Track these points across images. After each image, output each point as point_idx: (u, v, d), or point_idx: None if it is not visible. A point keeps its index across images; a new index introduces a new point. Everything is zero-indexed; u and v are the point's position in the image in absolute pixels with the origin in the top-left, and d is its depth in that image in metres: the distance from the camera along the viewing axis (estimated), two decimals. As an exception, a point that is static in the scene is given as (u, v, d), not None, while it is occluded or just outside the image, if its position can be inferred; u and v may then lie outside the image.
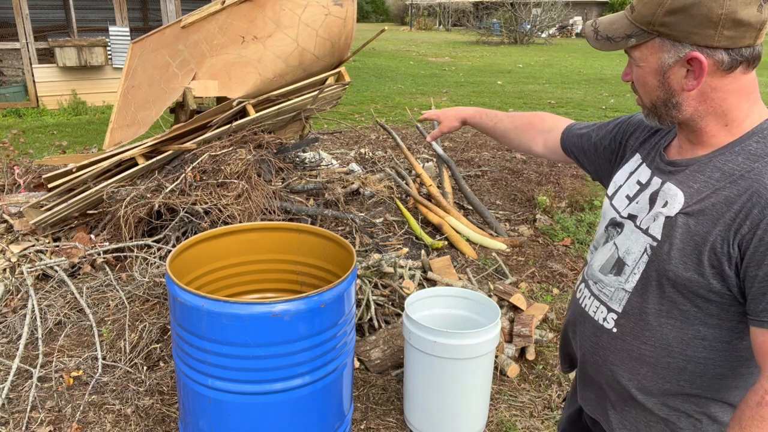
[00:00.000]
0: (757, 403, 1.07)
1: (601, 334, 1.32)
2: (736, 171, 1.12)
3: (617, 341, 1.28)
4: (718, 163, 1.15)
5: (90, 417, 2.65)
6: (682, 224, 1.15)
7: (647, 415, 1.28)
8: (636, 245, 1.24)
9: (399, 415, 2.74)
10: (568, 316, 1.51)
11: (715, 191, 1.13)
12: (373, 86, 12.68)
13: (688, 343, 1.19)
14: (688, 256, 1.14)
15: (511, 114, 1.77)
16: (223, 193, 3.84)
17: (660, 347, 1.22)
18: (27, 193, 4.48)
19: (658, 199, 1.22)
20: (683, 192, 1.18)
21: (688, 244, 1.14)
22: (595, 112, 9.80)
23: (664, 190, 1.22)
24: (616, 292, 1.28)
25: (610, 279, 1.30)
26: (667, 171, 1.24)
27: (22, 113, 9.12)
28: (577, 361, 1.46)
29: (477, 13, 33.26)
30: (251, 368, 1.96)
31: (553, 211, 4.98)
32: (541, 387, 2.94)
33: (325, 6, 4.60)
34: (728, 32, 1.08)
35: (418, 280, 3.56)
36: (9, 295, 3.41)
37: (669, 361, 1.22)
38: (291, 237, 2.56)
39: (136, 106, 4.70)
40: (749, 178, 1.09)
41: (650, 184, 1.27)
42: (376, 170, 5.61)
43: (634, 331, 1.25)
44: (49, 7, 12.34)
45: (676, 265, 1.15)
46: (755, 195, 1.07)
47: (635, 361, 1.26)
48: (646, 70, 1.18)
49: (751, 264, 1.07)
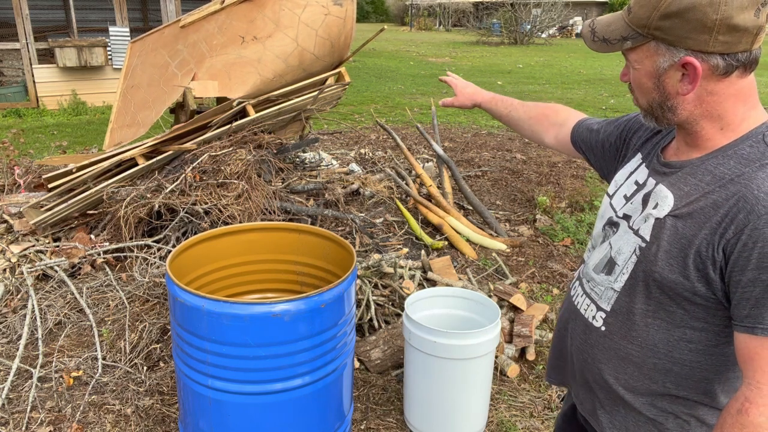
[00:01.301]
0: (737, 411, 1.07)
1: (590, 332, 1.33)
2: (727, 175, 1.11)
3: (605, 340, 1.29)
4: (710, 166, 1.15)
5: (90, 417, 2.65)
6: (670, 226, 1.15)
7: (635, 415, 1.29)
8: (627, 245, 1.25)
9: (399, 415, 2.74)
10: (561, 313, 1.52)
11: (704, 195, 1.12)
12: (373, 86, 12.68)
13: (674, 345, 1.20)
14: (674, 259, 1.14)
15: (525, 103, 1.77)
16: (223, 194, 3.84)
17: (646, 347, 1.23)
18: (27, 194, 4.47)
19: (650, 200, 1.23)
20: (674, 194, 1.18)
21: (674, 246, 1.14)
22: (595, 113, 9.80)
23: (656, 191, 1.22)
24: (606, 291, 1.29)
25: (601, 278, 1.31)
26: (662, 172, 1.24)
27: (22, 113, 9.12)
28: (569, 361, 1.46)
29: (477, 14, 33.28)
30: (251, 368, 1.96)
31: (553, 212, 4.98)
32: (541, 387, 2.94)
33: (324, 6, 4.60)
34: (723, 37, 1.06)
35: (418, 280, 3.56)
36: (9, 296, 3.41)
37: (655, 362, 1.22)
38: (291, 237, 2.56)
39: (136, 106, 4.70)
40: (738, 183, 1.09)
41: (645, 185, 1.27)
42: (376, 170, 5.61)
43: (621, 331, 1.26)
44: (49, 7, 12.35)
45: (662, 267, 1.16)
46: (742, 200, 1.06)
47: (622, 360, 1.27)
48: (641, 72, 1.18)
49: (735, 269, 1.07)
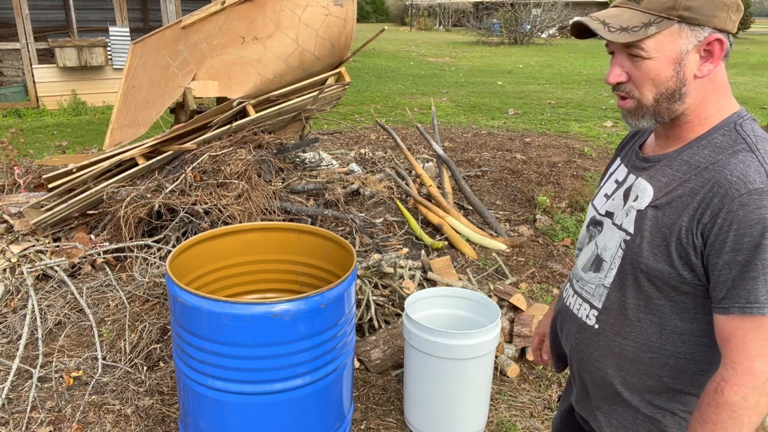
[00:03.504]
0: (714, 390, 1.10)
1: (584, 331, 1.34)
2: (702, 163, 1.14)
3: (599, 337, 1.30)
4: (685, 156, 1.18)
5: (90, 417, 2.65)
6: (651, 217, 1.18)
7: (633, 413, 1.29)
8: (611, 241, 1.26)
9: (399, 415, 2.74)
10: (554, 315, 1.53)
11: (681, 183, 1.15)
12: (373, 86, 12.68)
13: (667, 339, 1.21)
14: (658, 248, 1.16)
15: None
16: (223, 194, 3.84)
17: (640, 342, 1.24)
18: (27, 194, 4.47)
19: (630, 194, 1.25)
20: (652, 186, 1.20)
21: (656, 235, 1.16)
22: (595, 113, 9.80)
23: (635, 185, 1.25)
24: (597, 288, 1.30)
25: (590, 276, 1.33)
26: (641, 167, 1.27)
27: (22, 113, 9.13)
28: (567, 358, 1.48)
29: (477, 14, 33.28)
30: (251, 368, 1.96)
31: (553, 212, 4.98)
32: (541, 387, 2.94)
33: (325, 6, 4.60)
34: (734, 16, 1.11)
35: (418, 280, 3.56)
36: (9, 295, 3.41)
37: (650, 356, 1.23)
38: (291, 237, 2.56)
39: (137, 106, 4.70)
40: (712, 170, 1.12)
41: (626, 181, 1.30)
42: (376, 170, 5.61)
43: (614, 327, 1.27)
44: (49, 7, 12.35)
45: (648, 258, 1.17)
46: (716, 185, 1.09)
47: (617, 356, 1.27)
48: (660, 60, 1.14)
49: (711, 252, 1.09)
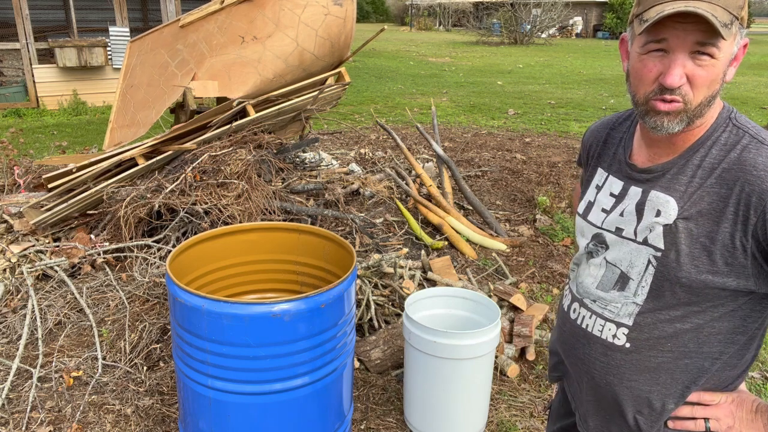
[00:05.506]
0: None
1: (612, 353, 1.27)
2: (715, 164, 1.13)
3: (632, 356, 1.25)
4: (696, 160, 1.16)
5: (90, 417, 2.65)
6: (683, 229, 1.14)
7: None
8: (638, 258, 1.21)
9: (399, 415, 2.74)
10: (557, 338, 1.46)
11: (704, 189, 1.13)
12: (373, 86, 12.68)
13: (704, 341, 1.19)
14: (698, 259, 1.13)
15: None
16: (223, 194, 3.84)
17: (677, 351, 1.21)
18: (27, 193, 4.47)
19: (646, 208, 1.21)
20: (673, 197, 1.17)
21: (695, 247, 1.13)
22: (595, 113, 9.80)
23: (651, 199, 1.20)
24: (624, 306, 1.24)
25: (613, 295, 1.26)
26: (644, 179, 1.23)
27: (22, 113, 9.13)
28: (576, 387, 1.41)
29: (477, 14, 33.28)
30: (251, 368, 1.96)
31: (553, 212, 4.98)
32: (541, 387, 2.94)
33: (324, 6, 4.60)
34: (745, 16, 1.09)
35: (418, 280, 3.56)
36: (9, 295, 3.41)
37: (687, 362, 1.21)
38: (291, 237, 2.56)
39: (136, 106, 4.70)
40: (732, 171, 1.11)
41: (628, 194, 1.25)
42: (376, 170, 5.61)
43: (649, 342, 1.23)
44: (49, 7, 12.36)
45: (689, 270, 1.14)
46: (746, 185, 1.09)
47: (653, 371, 1.24)
48: (722, 62, 1.09)
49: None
